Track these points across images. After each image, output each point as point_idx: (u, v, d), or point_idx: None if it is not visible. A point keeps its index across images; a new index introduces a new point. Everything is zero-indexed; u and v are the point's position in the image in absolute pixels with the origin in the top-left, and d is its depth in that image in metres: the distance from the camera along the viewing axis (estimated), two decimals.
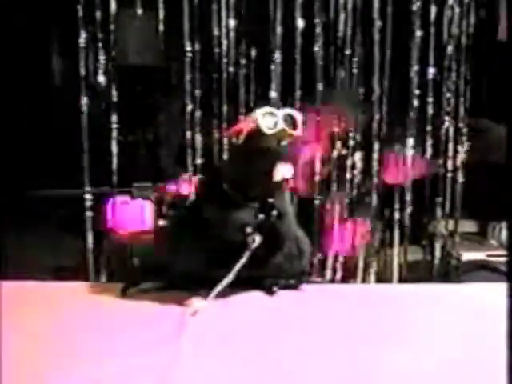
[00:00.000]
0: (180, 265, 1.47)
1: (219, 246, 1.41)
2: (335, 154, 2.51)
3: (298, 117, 1.40)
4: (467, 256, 2.73)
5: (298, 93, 2.43)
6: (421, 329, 1.30)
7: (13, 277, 1.56)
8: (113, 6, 2.34)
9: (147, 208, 2.92)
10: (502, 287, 1.25)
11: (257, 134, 1.37)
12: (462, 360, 1.15)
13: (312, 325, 1.32)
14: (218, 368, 1.12)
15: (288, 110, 1.40)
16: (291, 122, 1.38)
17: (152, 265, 1.57)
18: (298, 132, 1.39)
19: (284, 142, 1.38)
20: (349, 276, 2.56)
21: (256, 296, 1.47)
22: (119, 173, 2.39)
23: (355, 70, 2.47)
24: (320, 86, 2.45)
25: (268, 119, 1.37)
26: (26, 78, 3.84)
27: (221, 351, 1.19)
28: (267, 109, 1.40)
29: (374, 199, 2.52)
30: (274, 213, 1.42)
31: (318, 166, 2.47)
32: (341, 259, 2.56)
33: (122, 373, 1.09)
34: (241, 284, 1.43)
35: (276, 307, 1.43)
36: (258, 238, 1.41)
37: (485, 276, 2.62)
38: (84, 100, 2.32)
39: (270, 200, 1.43)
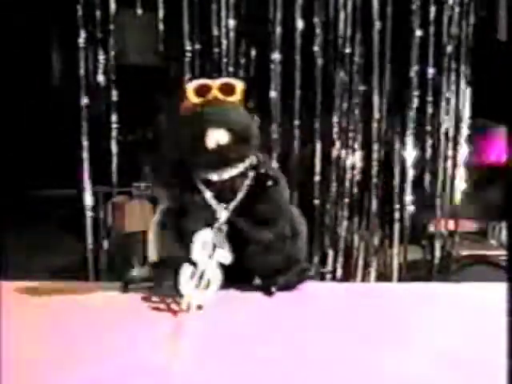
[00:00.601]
0: (164, 255, 1.45)
1: (195, 228, 1.39)
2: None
3: (236, 84, 1.39)
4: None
5: (297, 92, 2.43)
6: (420, 328, 1.30)
7: (13, 277, 1.56)
8: (113, 6, 2.34)
9: None
10: (501, 287, 1.25)
11: (192, 106, 1.38)
12: (461, 360, 1.15)
13: (311, 324, 1.32)
14: (217, 368, 1.12)
15: (224, 79, 1.41)
16: (228, 89, 1.38)
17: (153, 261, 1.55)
18: (235, 98, 1.38)
19: (212, 108, 1.35)
20: (348, 275, 2.57)
21: (255, 295, 1.47)
22: (119, 173, 2.39)
23: (355, 70, 2.47)
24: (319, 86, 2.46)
25: (200, 90, 1.37)
26: (25, 77, 3.84)
27: (221, 351, 1.19)
28: (199, 80, 1.40)
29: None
30: (270, 183, 1.39)
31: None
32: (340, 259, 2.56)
33: (121, 373, 1.09)
34: (232, 274, 1.40)
35: (275, 306, 1.43)
36: (223, 215, 1.39)
37: (484, 271, 2.62)
38: (84, 100, 2.32)
39: (262, 170, 1.40)
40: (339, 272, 2.57)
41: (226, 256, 1.38)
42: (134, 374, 1.09)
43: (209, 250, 1.37)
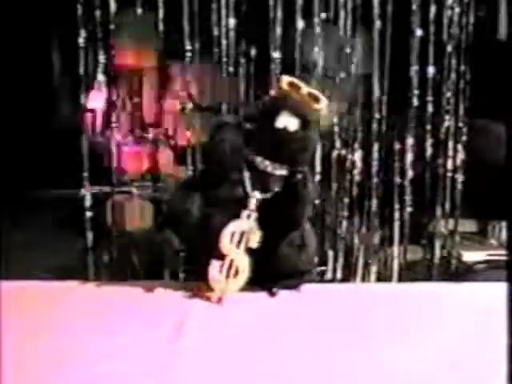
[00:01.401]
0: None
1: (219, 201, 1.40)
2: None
3: (322, 98, 1.44)
4: (467, 256, 2.73)
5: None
6: (421, 328, 1.30)
7: (13, 277, 1.56)
8: (113, 5, 2.33)
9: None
10: (502, 287, 1.25)
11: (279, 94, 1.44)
12: (461, 360, 1.15)
13: (312, 324, 1.32)
14: (217, 368, 1.12)
15: (314, 90, 1.45)
16: (314, 97, 1.42)
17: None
18: (320, 106, 1.42)
19: (298, 97, 1.39)
20: (348, 275, 2.56)
21: (256, 295, 1.47)
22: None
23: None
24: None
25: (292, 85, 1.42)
26: (25, 77, 3.84)
27: (221, 351, 1.19)
28: (294, 78, 1.44)
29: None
30: (299, 176, 1.39)
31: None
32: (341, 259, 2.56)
33: (121, 373, 1.09)
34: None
35: (276, 307, 1.43)
36: (257, 194, 1.38)
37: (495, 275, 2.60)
38: (84, 100, 2.32)
39: (302, 168, 1.40)
40: (339, 272, 2.56)
41: (254, 240, 1.38)
42: (134, 374, 1.09)
43: (237, 239, 1.37)
